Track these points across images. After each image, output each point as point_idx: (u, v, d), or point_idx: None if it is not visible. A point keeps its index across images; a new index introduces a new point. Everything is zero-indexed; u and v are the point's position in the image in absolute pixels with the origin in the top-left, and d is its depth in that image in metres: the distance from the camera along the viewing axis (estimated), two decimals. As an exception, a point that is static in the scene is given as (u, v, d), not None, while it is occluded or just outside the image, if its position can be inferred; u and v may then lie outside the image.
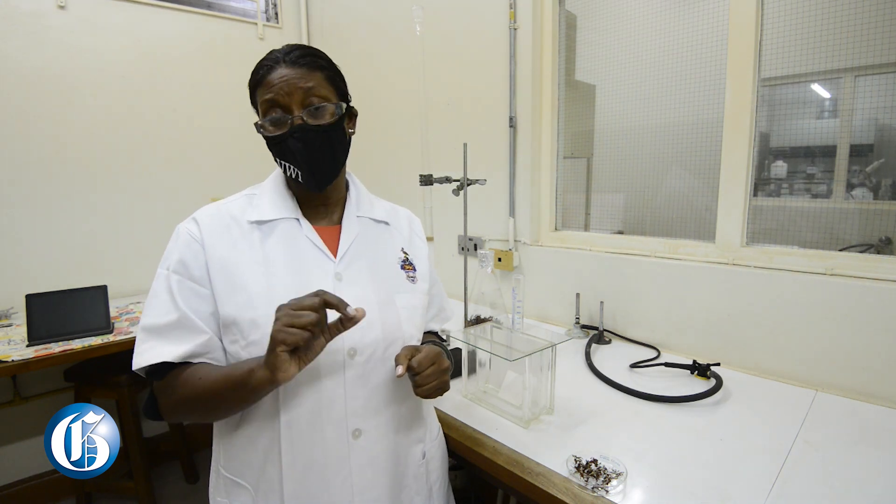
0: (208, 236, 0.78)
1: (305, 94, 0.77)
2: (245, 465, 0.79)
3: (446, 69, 2.05)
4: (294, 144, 0.78)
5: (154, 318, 0.76)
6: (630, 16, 1.73)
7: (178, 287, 0.76)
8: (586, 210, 1.91)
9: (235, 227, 0.80)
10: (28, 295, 1.68)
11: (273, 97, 0.77)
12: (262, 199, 0.85)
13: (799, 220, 1.39)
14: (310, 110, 0.78)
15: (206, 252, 0.77)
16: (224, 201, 0.85)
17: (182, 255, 0.77)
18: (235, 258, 0.78)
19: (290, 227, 0.83)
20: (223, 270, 0.77)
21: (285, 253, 0.80)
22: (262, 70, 0.79)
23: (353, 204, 0.91)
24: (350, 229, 0.87)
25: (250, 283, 0.76)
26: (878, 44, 1.26)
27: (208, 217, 0.81)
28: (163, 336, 0.75)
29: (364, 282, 0.84)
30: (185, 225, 0.81)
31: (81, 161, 2.17)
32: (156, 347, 0.74)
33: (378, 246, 0.90)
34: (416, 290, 0.91)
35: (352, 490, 0.78)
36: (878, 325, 1.14)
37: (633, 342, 1.56)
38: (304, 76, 0.78)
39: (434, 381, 0.78)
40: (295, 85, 0.77)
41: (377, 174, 2.52)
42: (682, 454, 0.93)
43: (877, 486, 0.83)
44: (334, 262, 0.83)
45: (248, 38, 2.63)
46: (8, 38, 1.97)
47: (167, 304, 0.76)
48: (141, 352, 0.75)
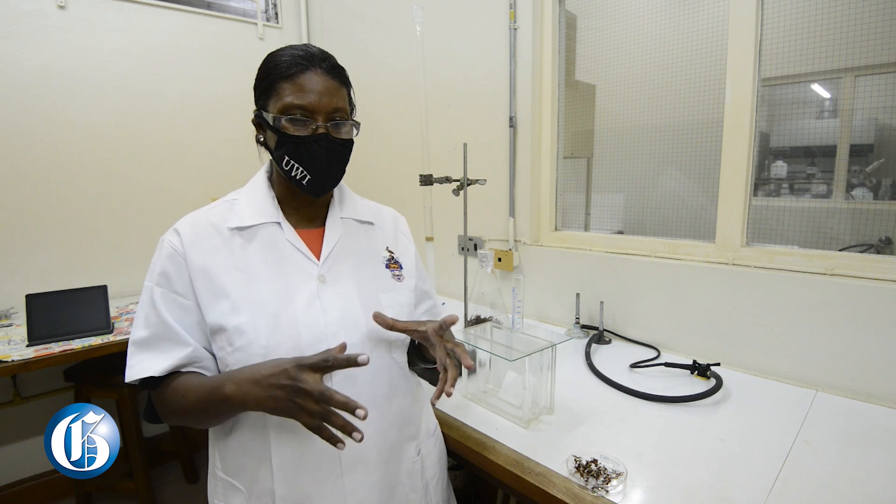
0: (189, 246, 0.78)
1: (334, 108, 0.79)
2: (238, 467, 0.80)
3: (446, 69, 2.05)
4: (316, 150, 0.79)
5: (141, 330, 0.77)
6: (630, 16, 1.73)
7: (161, 299, 0.77)
8: (586, 210, 1.91)
9: (216, 235, 0.80)
10: (28, 295, 1.68)
11: (305, 102, 0.77)
12: (242, 204, 0.84)
13: (799, 220, 1.39)
14: (335, 123, 0.80)
15: (188, 263, 0.77)
16: (206, 209, 0.85)
17: (164, 267, 0.78)
18: (216, 266, 0.78)
19: (271, 232, 0.83)
20: (205, 279, 0.77)
21: (266, 258, 0.80)
22: (294, 67, 0.77)
23: (336, 206, 0.91)
24: (333, 231, 0.87)
25: (232, 290, 0.77)
26: (878, 44, 1.26)
27: (188, 227, 0.81)
28: (150, 349, 0.76)
29: (347, 282, 0.84)
30: (167, 237, 0.81)
31: (81, 161, 2.17)
32: (143, 361, 0.76)
33: (362, 246, 0.90)
34: (403, 287, 0.91)
35: (343, 489, 0.78)
36: (878, 325, 1.14)
37: (633, 342, 1.56)
38: (335, 90, 0.80)
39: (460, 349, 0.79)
40: (328, 95, 0.78)
41: (377, 174, 2.52)
42: (682, 454, 0.93)
43: (877, 486, 0.83)
44: (317, 264, 0.83)
45: (248, 38, 2.63)
46: (8, 37, 1.97)
47: (152, 317, 0.77)
48: (131, 365, 0.77)
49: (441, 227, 2.11)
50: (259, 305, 0.76)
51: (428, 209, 1.35)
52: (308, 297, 0.80)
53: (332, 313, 0.80)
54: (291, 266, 0.81)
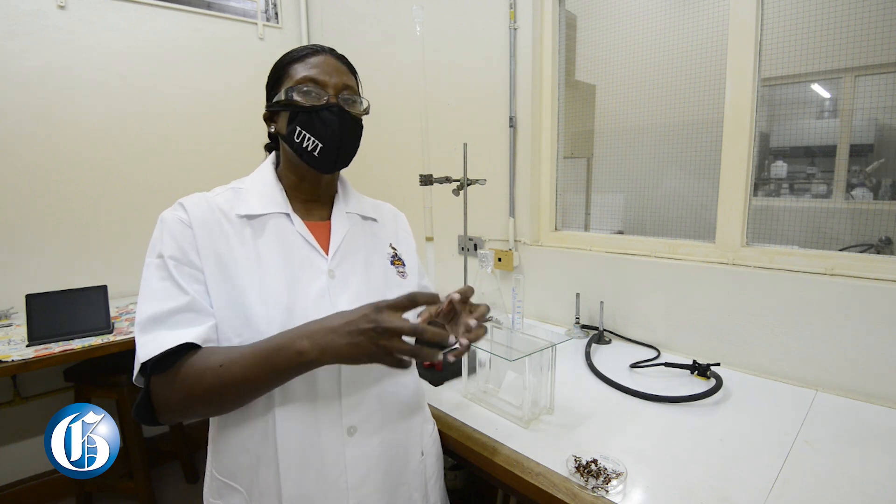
0: (198, 226, 0.76)
1: (344, 85, 0.82)
2: (237, 467, 0.77)
3: (446, 69, 2.05)
4: (328, 117, 0.79)
5: (158, 305, 0.70)
6: (630, 16, 1.73)
7: (178, 272, 0.72)
8: (586, 210, 1.91)
9: (225, 221, 0.78)
10: (28, 295, 1.68)
11: (316, 75, 0.80)
12: (249, 192, 0.83)
13: (799, 220, 1.39)
14: (346, 97, 0.82)
15: (197, 241, 0.75)
16: (208, 193, 0.83)
17: (176, 240, 0.74)
18: (228, 252, 0.76)
19: (280, 223, 0.81)
20: (217, 263, 0.74)
21: (277, 250, 0.79)
22: (304, 51, 0.82)
23: (341, 200, 0.91)
24: (340, 225, 0.87)
25: (243, 280, 0.75)
26: (878, 44, 1.26)
27: (195, 206, 0.78)
28: (171, 324, 0.70)
29: (357, 279, 0.84)
30: (172, 212, 0.77)
31: (81, 161, 2.17)
32: (162, 336, 0.68)
33: (368, 242, 0.90)
34: (407, 285, 0.91)
35: (346, 487, 0.78)
36: (878, 325, 1.14)
37: (633, 342, 1.56)
38: (345, 71, 0.84)
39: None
40: (338, 74, 0.82)
41: (377, 174, 2.52)
42: (682, 454, 0.93)
43: (877, 486, 0.83)
44: (326, 259, 0.82)
45: (248, 38, 2.63)
46: (8, 37, 1.97)
47: (172, 290, 0.71)
48: (145, 342, 0.68)
49: (441, 227, 2.11)
50: (272, 297, 0.75)
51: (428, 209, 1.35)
52: (318, 291, 0.79)
53: (342, 309, 0.79)
54: (301, 259, 0.80)
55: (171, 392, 0.69)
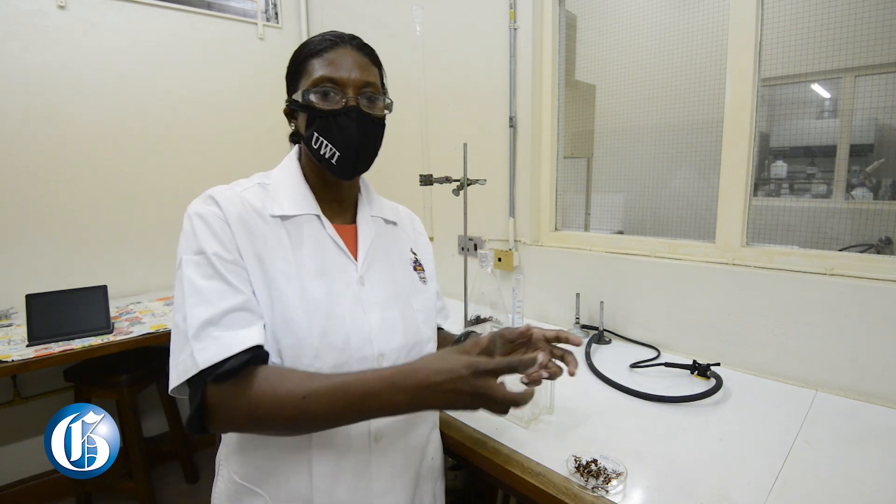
0: (235, 223, 0.72)
1: (365, 82, 0.77)
2: (265, 473, 0.75)
3: (446, 69, 2.05)
4: (345, 123, 0.75)
5: (211, 307, 0.64)
6: (630, 16, 1.73)
7: (226, 270, 0.68)
8: (586, 210, 1.91)
9: (260, 220, 0.75)
10: (28, 295, 1.68)
11: (334, 73, 0.75)
12: (278, 190, 0.79)
13: (799, 220, 1.39)
14: (367, 97, 0.77)
15: (236, 238, 0.71)
16: (236, 188, 0.78)
17: (217, 237, 0.70)
18: (267, 255, 0.72)
19: (313, 226, 0.79)
20: (259, 266, 0.71)
21: (313, 255, 0.76)
22: (322, 44, 0.77)
23: (365, 203, 0.89)
24: (367, 230, 0.85)
25: (284, 286, 0.72)
26: (878, 44, 1.26)
27: (228, 202, 0.73)
28: (226, 324, 0.65)
29: (384, 286, 0.82)
30: (205, 206, 0.72)
31: (81, 160, 2.17)
32: (228, 336, 0.64)
33: (391, 248, 0.89)
34: (428, 290, 0.90)
35: (371, 494, 0.77)
36: (878, 325, 1.14)
37: (633, 342, 1.56)
38: (366, 66, 0.78)
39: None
40: (358, 69, 0.76)
41: (377, 174, 2.50)
42: (682, 454, 0.93)
43: (877, 486, 0.83)
44: (356, 264, 0.80)
45: (248, 38, 2.63)
46: (8, 37, 1.97)
47: (222, 289, 0.66)
48: (204, 347, 0.62)
49: (441, 227, 2.11)
50: (312, 304, 0.72)
51: (428, 209, 1.35)
52: (352, 298, 0.77)
53: (373, 317, 0.78)
54: (332, 264, 0.78)
55: (239, 407, 0.64)
